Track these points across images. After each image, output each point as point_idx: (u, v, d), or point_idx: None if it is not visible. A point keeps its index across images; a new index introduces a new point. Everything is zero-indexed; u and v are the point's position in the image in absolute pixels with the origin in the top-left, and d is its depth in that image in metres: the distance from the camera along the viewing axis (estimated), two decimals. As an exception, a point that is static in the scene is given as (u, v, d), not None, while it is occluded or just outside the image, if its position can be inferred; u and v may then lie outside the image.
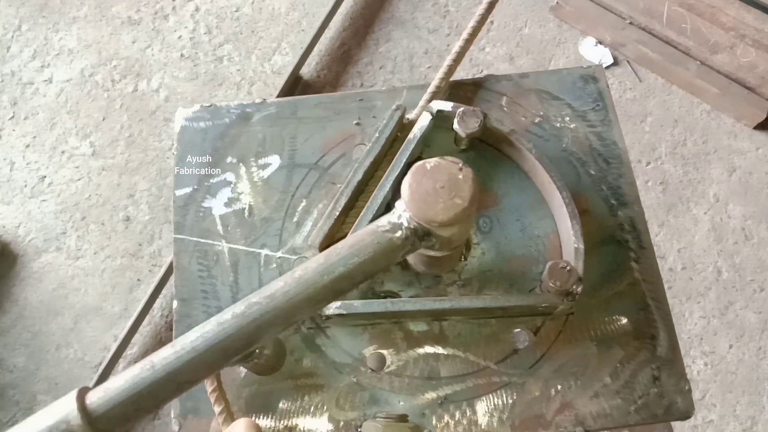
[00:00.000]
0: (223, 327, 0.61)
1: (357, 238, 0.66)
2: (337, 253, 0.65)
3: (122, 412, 0.57)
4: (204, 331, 0.61)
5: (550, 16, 2.36)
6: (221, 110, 0.96)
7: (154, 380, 0.58)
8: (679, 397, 0.78)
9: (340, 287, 0.65)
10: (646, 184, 2.11)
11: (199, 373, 0.61)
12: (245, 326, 0.61)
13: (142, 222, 2.08)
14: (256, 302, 0.63)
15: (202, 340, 0.61)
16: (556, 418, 0.77)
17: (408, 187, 0.65)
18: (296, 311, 0.63)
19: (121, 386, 0.58)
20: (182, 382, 0.60)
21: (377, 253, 0.65)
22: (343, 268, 0.64)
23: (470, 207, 0.64)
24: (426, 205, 0.64)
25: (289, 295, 0.63)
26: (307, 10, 2.39)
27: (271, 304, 0.62)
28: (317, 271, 0.64)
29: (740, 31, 2.04)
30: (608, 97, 0.95)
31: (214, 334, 0.61)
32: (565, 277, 0.76)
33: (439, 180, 0.65)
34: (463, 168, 0.66)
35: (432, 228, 0.64)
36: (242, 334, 0.61)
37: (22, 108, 2.25)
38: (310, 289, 0.63)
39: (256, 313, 0.62)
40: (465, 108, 0.85)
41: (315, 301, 0.64)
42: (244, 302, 0.63)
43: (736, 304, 1.97)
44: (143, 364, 0.59)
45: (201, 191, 0.91)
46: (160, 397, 0.59)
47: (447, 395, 0.78)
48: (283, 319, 0.63)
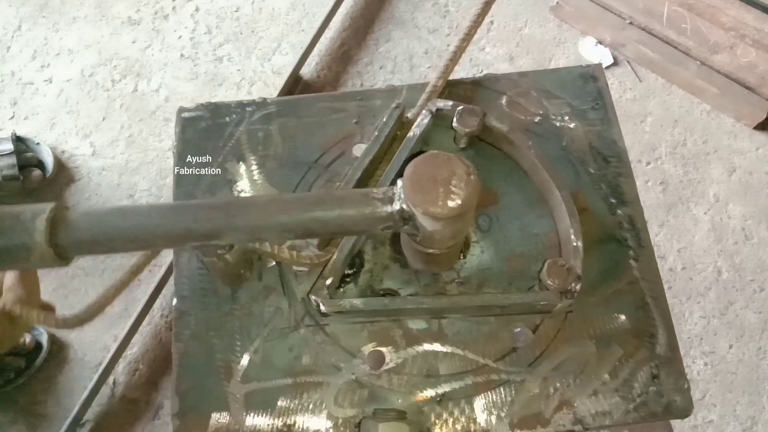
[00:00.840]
0: (195, 209, 0.65)
1: (349, 193, 0.69)
2: (325, 196, 0.67)
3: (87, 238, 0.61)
4: (180, 206, 0.65)
5: (550, 16, 2.36)
6: (221, 109, 0.96)
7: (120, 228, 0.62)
8: (678, 396, 0.78)
9: (312, 227, 0.66)
10: (646, 184, 2.11)
11: (159, 239, 0.64)
12: (214, 219, 0.64)
13: (142, 222, 2.08)
14: (234, 204, 0.66)
15: (174, 212, 0.64)
16: (554, 416, 0.77)
17: (412, 167, 0.64)
18: (263, 229, 0.65)
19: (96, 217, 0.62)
20: (141, 240, 0.64)
21: (359, 215, 0.65)
22: (322, 212, 0.65)
23: (460, 210, 0.62)
24: (420, 190, 0.62)
25: (265, 211, 0.65)
26: (307, 10, 2.39)
27: (246, 211, 0.65)
28: (299, 204, 0.65)
29: (740, 31, 2.04)
30: (608, 96, 0.95)
31: (186, 212, 0.64)
32: (564, 275, 0.76)
33: (443, 174, 0.63)
34: (472, 174, 0.63)
35: (417, 214, 0.63)
36: (208, 224, 0.64)
37: (22, 108, 2.25)
38: (285, 215, 0.65)
39: (229, 212, 0.64)
40: (464, 107, 0.85)
41: (283, 229, 0.66)
42: (226, 200, 0.68)
43: (736, 304, 1.97)
44: (120, 208, 0.64)
45: (201, 190, 0.91)
46: (118, 245, 0.64)
47: (446, 393, 0.78)
48: (248, 230, 0.65)
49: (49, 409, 1.86)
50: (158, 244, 0.65)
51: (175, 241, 0.65)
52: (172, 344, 0.84)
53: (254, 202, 0.66)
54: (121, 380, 1.89)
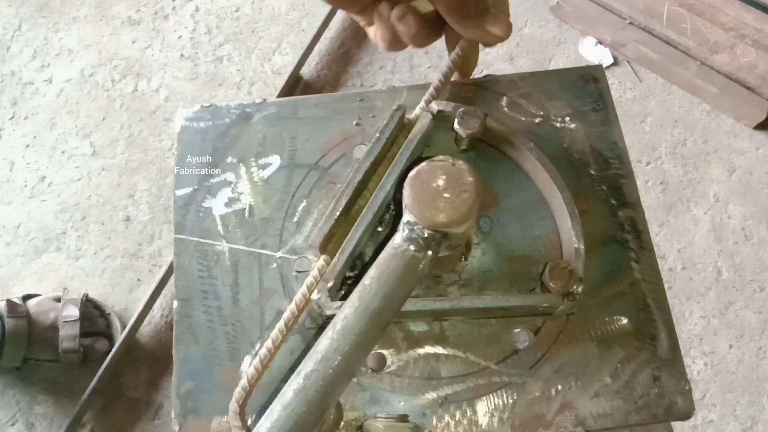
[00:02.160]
0: (291, 408, 0.60)
1: (381, 268, 0.65)
2: (368, 290, 0.64)
3: None
4: (274, 420, 0.60)
5: (550, 16, 2.36)
6: (221, 110, 0.96)
7: None
8: (680, 397, 0.78)
9: (383, 321, 0.64)
10: (646, 184, 2.11)
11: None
12: (312, 398, 0.60)
13: (142, 222, 2.08)
14: (313, 370, 0.61)
15: (276, 430, 0.59)
16: (556, 418, 0.77)
17: (411, 199, 0.64)
18: (353, 362, 0.63)
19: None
20: None
21: (405, 274, 0.64)
22: (379, 302, 0.63)
23: (477, 197, 0.64)
24: (435, 209, 0.63)
25: (340, 350, 0.61)
26: (307, 10, 2.39)
27: (328, 365, 0.61)
28: (357, 315, 0.63)
29: (740, 31, 2.03)
30: (608, 97, 0.95)
31: (286, 420, 0.59)
32: (566, 277, 0.76)
33: (437, 180, 0.64)
34: (455, 162, 0.65)
35: (449, 230, 0.64)
36: (312, 407, 0.60)
37: (22, 108, 2.25)
38: (358, 335, 0.62)
39: (318, 380, 0.60)
40: (465, 108, 0.85)
41: (366, 345, 0.63)
42: (300, 374, 0.61)
43: (736, 304, 1.97)
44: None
45: (201, 191, 0.91)
46: None
47: (447, 395, 0.78)
48: (345, 375, 0.62)
49: (49, 409, 1.86)
50: None
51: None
52: (173, 347, 0.84)
53: (326, 353, 0.61)
54: (121, 380, 1.89)
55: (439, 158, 0.66)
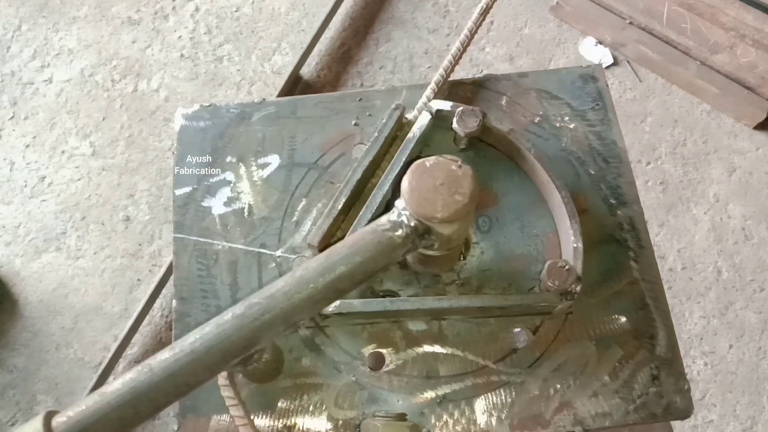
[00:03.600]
0: (222, 328, 0.61)
1: (357, 237, 0.66)
2: (337, 252, 0.65)
3: (104, 427, 0.57)
4: (203, 333, 0.61)
5: (550, 16, 2.36)
6: (221, 110, 0.96)
7: (152, 385, 0.58)
8: (678, 397, 0.78)
9: (341, 286, 0.65)
10: (646, 184, 2.11)
11: (198, 375, 0.60)
12: (245, 327, 0.61)
13: (142, 222, 2.08)
14: (256, 302, 0.62)
15: (201, 342, 0.60)
16: (554, 417, 0.77)
17: (408, 185, 0.65)
18: (297, 311, 0.63)
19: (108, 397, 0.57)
20: (180, 385, 0.60)
21: (378, 252, 0.65)
22: (344, 268, 0.64)
23: (470, 203, 0.64)
24: (426, 202, 0.64)
25: (289, 294, 0.63)
26: (307, 10, 2.39)
27: (272, 304, 0.62)
28: (318, 271, 0.64)
29: (740, 31, 2.03)
30: (607, 97, 0.95)
31: (214, 336, 0.60)
32: (564, 276, 0.76)
33: (439, 177, 0.65)
34: (462, 165, 0.66)
35: (432, 225, 0.64)
36: (242, 335, 0.61)
37: (22, 108, 2.25)
38: (311, 288, 0.63)
39: (257, 313, 0.61)
40: (464, 107, 0.85)
41: (315, 301, 0.64)
42: (244, 303, 0.62)
43: (736, 304, 1.97)
44: (139, 369, 0.58)
45: (200, 191, 0.91)
46: (155, 405, 0.59)
47: (446, 394, 0.78)
48: (283, 320, 0.63)
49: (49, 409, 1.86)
50: (200, 381, 0.61)
51: (217, 368, 0.62)
52: (172, 345, 0.84)
53: (274, 290, 0.63)
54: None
55: (449, 157, 0.66)
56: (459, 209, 0.64)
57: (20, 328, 1.96)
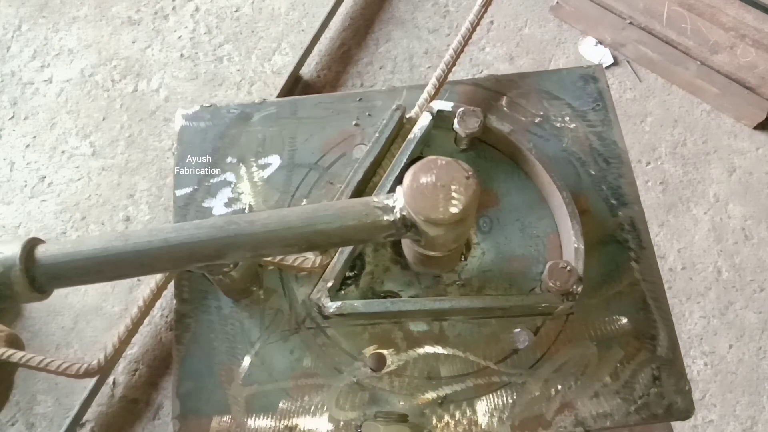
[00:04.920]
0: (197, 231, 0.64)
1: (350, 203, 0.68)
2: (325, 208, 0.67)
3: (72, 271, 0.62)
4: (181, 228, 0.64)
5: (550, 16, 2.36)
6: (221, 110, 0.96)
7: (121, 253, 0.62)
8: (679, 397, 0.78)
9: (315, 241, 0.66)
10: (646, 184, 2.11)
11: (163, 263, 0.65)
12: (217, 238, 0.64)
13: (142, 222, 2.08)
14: (235, 221, 0.65)
15: (175, 235, 0.63)
16: (556, 417, 0.77)
17: (411, 175, 0.64)
18: (267, 245, 0.66)
19: (84, 246, 0.61)
20: (145, 264, 0.64)
21: (361, 225, 0.66)
22: (325, 225, 0.65)
23: (461, 215, 0.63)
24: (421, 197, 0.63)
25: (267, 227, 0.65)
26: (307, 10, 2.39)
27: (248, 228, 0.65)
28: (301, 217, 0.66)
29: (740, 31, 2.03)
30: (608, 97, 0.95)
31: (188, 235, 0.64)
32: (565, 277, 0.76)
33: (442, 179, 0.64)
34: (471, 178, 0.64)
35: (418, 222, 0.64)
36: (211, 244, 0.64)
37: (22, 108, 2.25)
38: (287, 230, 0.65)
39: (231, 231, 0.64)
40: (465, 108, 0.85)
41: (287, 243, 0.66)
42: (226, 217, 0.66)
43: (736, 304, 1.97)
44: (118, 234, 0.63)
45: (201, 191, 0.91)
46: (119, 271, 0.63)
47: (447, 395, 0.78)
48: (252, 247, 0.65)
49: (49, 409, 1.86)
50: (160, 267, 0.66)
51: (179, 263, 0.65)
52: (172, 347, 0.84)
53: (255, 219, 0.65)
54: (121, 380, 1.89)
55: (464, 165, 0.65)
56: (448, 217, 0.63)
57: (20, 328, 1.96)
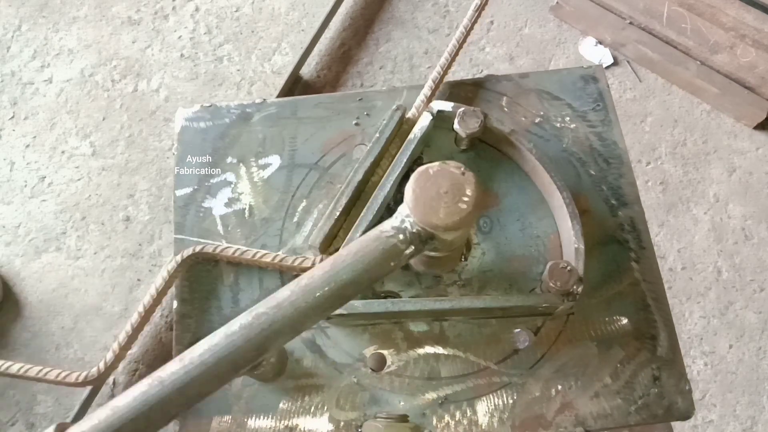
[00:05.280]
0: (231, 339, 0.60)
1: (361, 244, 0.66)
2: (342, 260, 0.65)
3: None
4: (212, 344, 0.60)
5: (550, 16, 2.36)
6: (221, 110, 0.96)
7: (163, 398, 0.58)
8: (680, 397, 0.78)
9: (346, 293, 0.64)
10: (646, 184, 2.11)
11: (209, 386, 0.60)
12: (254, 337, 0.61)
13: (142, 222, 2.08)
14: (263, 312, 0.62)
15: (210, 353, 0.60)
16: (556, 418, 0.77)
17: (412, 192, 0.65)
18: (304, 319, 0.63)
19: (119, 411, 0.57)
20: (191, 396, 0.59)
21: (382, 258, 0.65)
22: (349, 275, 0.64)
23: (474, 210, 0.65)
24: (430, 209, 0.64)
25: (296, 303, 0.62)
26: (307, 10, 2.39)
27: (279, 313, 0.62)
28: (323, 279, 0.64)
29: (740, 31, 2.03)
30: (608, 98, 0.95)
31: (223, 347, 0.60)
32: (566, 277, 0.76)
33: (443, 185, 0.65)
34: (466, 172, 0.66)
35: (436, 232, 0.64)
36: (251, 345, 0.61)
37: (22, 108, 2.25)
38: (317, 297, 0.63)
39: (265, 323, 0.61)
40: (465, 108, 0.85)
41: (322, 309, 0.64)
42: (252, 312, 0.62)
43: (736, 304, 1.97)
44: (150, 382, 0.58)
45: (201, 191, 0.91)
46: (167, 416, 0.59)
47: (447, 395, 0.78)
48: (291, 328, 0.63)
49: (49, 409, 1.86)
50: (211, 391, 0.61)
51: (227, 377, 0.62)
52: (173, 347, 0.84)
53: (280, 300, 0.62)
54: (121, 380, 1.89)
55: (453, 164, 0.66)
56: (463, 217, 0.64)
57: (20, 328, 1.96)
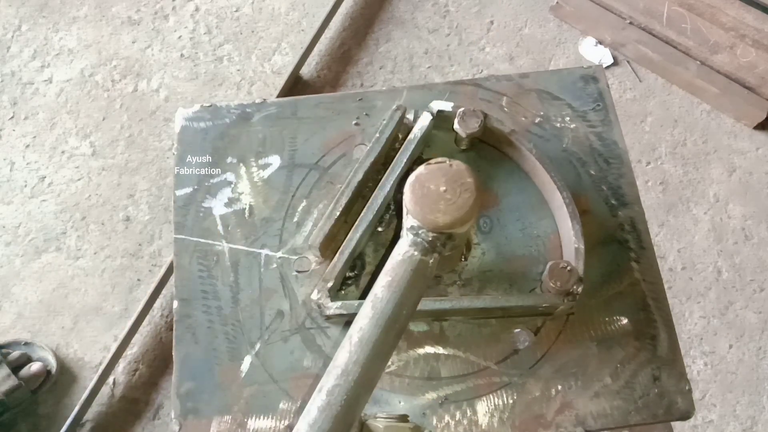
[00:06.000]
0: (317, 427, 0.59)
1: (390, 276, 0.65)
2: (380, 299, 0.64)
3: None
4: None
5: (550, 16, 2.36)
6: (221, 110, 0.96)
7: None
8: (680, 397, 0.78)
9: (398, 328, 0.64)
10: (646, 184, 2.11)
11: None
12: (338, 414, 0.59)
13: (142, 222, 2.08)
14: (335, 385, 0.60)
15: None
16: (556, 418, 0.77)
17: (413, 204, 0.65)
18: (373, 373, 0.62)
19: None
20: None
21: (415, 279, 0.65)
22: (393, 310, 0.63)
23: (478, 195, 0.65)
24: (438, 212, 0.64)
25: (360, 362, 0.61)
26: (307, 10, 2.39)
27: (350, 379, 0.61)
28: (372, 325, 0.63)
29: (740, 31, 2.03)
30: (608, 97, 0.95)
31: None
32: (566, 277, 0.76)
33: (441, 184, 0.65)
34: (452, 162, 0.66)
35: (452, 231, 0.65)
36: (338, 422, 0.59)
37: (22, 108, 2.25)
38: (375, 345, 0.62)
39: (341, 395, 0.60)
40: (465, 108, 0.85)
41: (384, 354, 0.64)
42: (323, 391, 0.61)
43: (736, 304, 1.97)
44: None
45: (201, 191, 0.91)
46: None
47: (447, 395, 0.78)
48: (365, 388, 0.62)
49: (49, 409, 1.86)
50: None
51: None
52: (173, 347, 0.84)
53: (345, 367, 0.61)
54: (121, 380, 1.89)
55: (437, 160, 0.66)
56: (471, 205, 0.64)
57: (20, 328, 1.96)
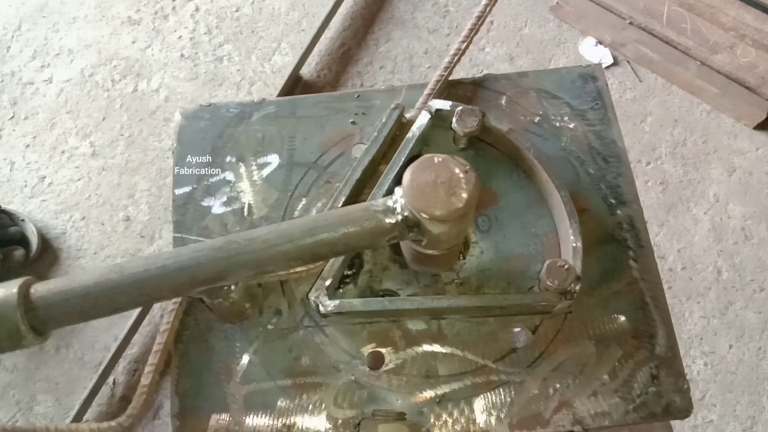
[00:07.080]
0: (196, 254, 0.63)
1: (349, 210, 0.67)
2: (325, 218, 0.66)
3: (69, 309, 0.60)
4: (178, 253, 0.63)
5: (550, 16, 2.36)
6: (221, 110, 0.96)
7: (118, 284, 0.60)
8: (678, 396, 0.78)
9: (319, 252, 0.66)
10: (646, 184, 2.11)
11: (163, 291, 0.63)
12: (218, 260, 0.63)
13: (142, 222, 2.08)
14: (235, 241, 0.64)
15: (173, 260, 0.62)
16: (554, 416, 0.77)
17: (410, 174, 0.65)
18: (270, 261, 0.65)
19: (77, 283, 0.60)
20: (144, 294, 0.62)
21: (364, 230, 0.65)
22: (327, 234, 0.65)
23: (465, 209, 0.64)
24: (423, 196, 0.64)
25: (268, 243, 0.64)
26: (307, 10, 2.39)
27: (249, 246, 0.64)
28: (302, 230, 0.65)
29: (740, 31, 2.03)
30: (607, 96, 0.95)
31: (187, 258, 0.62)
32: (564, 275, 0.76)
33: (442, 175, 0.64)
34: (469, 171, 0.65)
35: (422, 220, 0.64)
36: (212, 266, 0.63)
37: (22, 108, 2.25)
38: (290, 244, 0.64)
39: (233, 251, 0.63)
40: (464, 107, 0.85)
41: (290, 258, 0.65)
42: (225, 238, 0.64)
43: (736, 304, 1.97)
44: (112, 267, 0.61)
45: (200, 190, 0.91)
46: (117, 303, 0.61)
47: (445, 394, 0.78)
48: (255, 265, 0.64)
49: (49, 409, 1.86)
50: (162, 296, 0.64)
51: (179, 289, 0.64)
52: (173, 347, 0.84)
53: (255, 236, 0.64)
54: (121, 380, 1.89)
55: (459, 160, 0.66)
56: (452, 211, 0.63)
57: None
